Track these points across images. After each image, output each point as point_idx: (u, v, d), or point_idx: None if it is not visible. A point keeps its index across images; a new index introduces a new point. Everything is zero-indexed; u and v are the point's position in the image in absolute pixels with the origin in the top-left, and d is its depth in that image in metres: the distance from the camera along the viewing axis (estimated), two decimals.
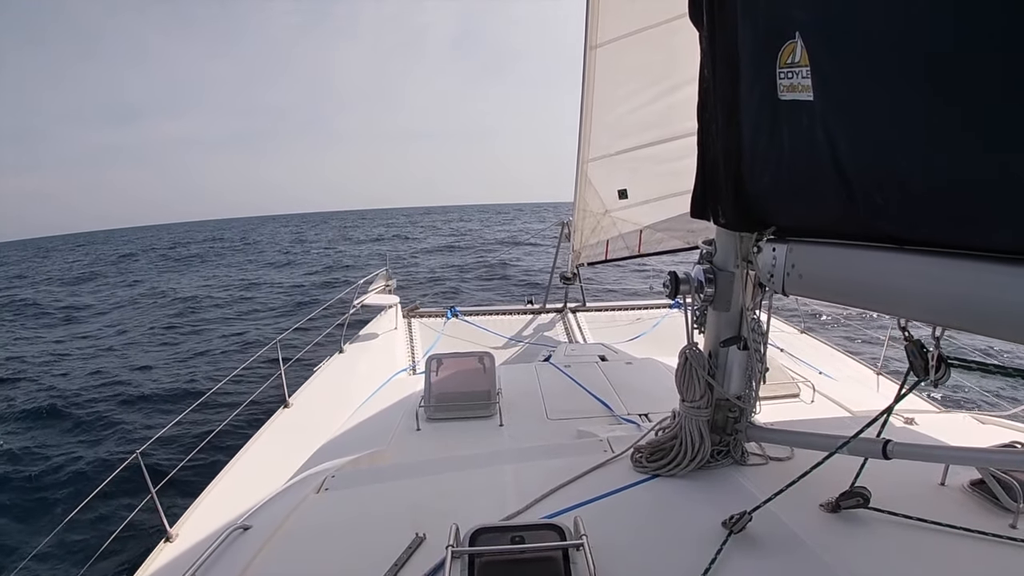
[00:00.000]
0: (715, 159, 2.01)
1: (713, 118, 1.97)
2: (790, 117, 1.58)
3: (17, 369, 13.59)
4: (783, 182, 1.74)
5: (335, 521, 2.31)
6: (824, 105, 1.43)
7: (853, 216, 1.48)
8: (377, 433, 3.76)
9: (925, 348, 1.49)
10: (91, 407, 10.40)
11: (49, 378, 12.53)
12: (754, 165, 1.85)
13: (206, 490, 3.72)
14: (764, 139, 1.75)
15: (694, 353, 2.28)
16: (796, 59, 1.47)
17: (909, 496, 1.97)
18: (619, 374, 4.59)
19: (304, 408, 5.05)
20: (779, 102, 1.58)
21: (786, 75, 1.52)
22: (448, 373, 4.06)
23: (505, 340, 7.65)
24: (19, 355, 14.40)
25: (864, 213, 1.43)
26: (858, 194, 1.42)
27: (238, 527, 2.33)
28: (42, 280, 35.29)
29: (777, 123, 1.65)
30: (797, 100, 1.50)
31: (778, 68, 1.54)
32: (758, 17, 1.66)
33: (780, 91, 1.56)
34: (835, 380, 5.14)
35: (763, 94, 1.66)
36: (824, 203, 1.57)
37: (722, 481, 2.24)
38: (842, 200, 1.48)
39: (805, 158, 1.57)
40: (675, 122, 5.43)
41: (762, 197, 1.89)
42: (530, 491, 2.24)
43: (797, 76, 1.48)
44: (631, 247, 6.68)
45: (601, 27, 5.27)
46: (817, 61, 1.42)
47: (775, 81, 1.57)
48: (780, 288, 1.91)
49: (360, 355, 6.48)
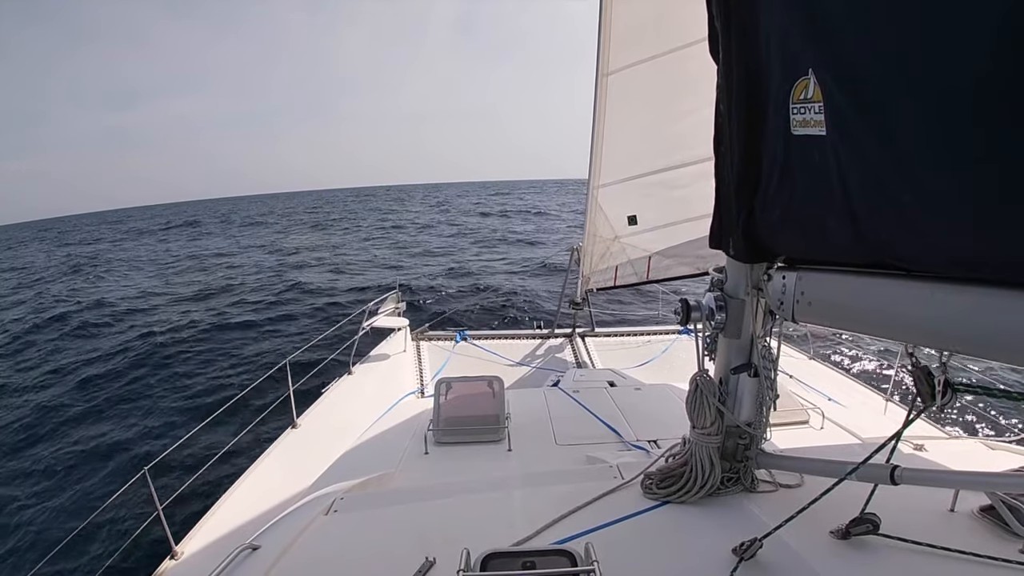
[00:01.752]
0: (729, 192, 2.04)
1: (729, 151, 2.00)
2: (803, 151, 1.61)
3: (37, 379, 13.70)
4: (794, 215, 1.77)
5: (344, 544, 2.31)
6: (835, 139, 1.46)
7: (861, 247, 1.50)
8: (385, 456, 3.75)
9: (932, 374, 1.50)
10: (99, 417, 10.45)
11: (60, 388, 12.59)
12: (766, 198, 1.88)
13: (212, 508, 3.72)
14: (777, 173, 1.78)
15: (705, 380, 2.29)
16: (809, 95, 1.50)
17: (919, 522, 1.97)
18: (628, 400, 4.57)
19: (312, 429, 5.05)
20: (791, 136, 1.61)
21: (799, 110, 1.55)
22: (457, 397, 4.06)
23: (514, 364, 7.64)
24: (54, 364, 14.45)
25: (871, 245, 1.45)
26: (865, 226, 1.45)
27: (247, 546, 2.33)
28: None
29: (790, 157, 1.68)
30: (809, 135, 1.54)
31: (791, 103, 1.57)
32: (773, 54, 1.70)
33: (793, 126, 1.60)
34: (845, 407, 5.10)
35: (777, 129, 1.70)
36: (833, 235, 1.59)
37: (732, 508, 2.24)
38: (850, 232, 1.50)
39: (816, 192, 1.60)
40: (685, 149, 5.48)
41: (772, 230, 1.92)
42: (540, 516, 2.23)
43: (810, 111, 1.51)
44: (640, 273, 6.70)
45: (613, 55, 5.36)
46: (829, 97, 1.45)
47: (788, 116, 1.60)
48: (790, 316, 1.92)
49: (369, 377, 6.49)
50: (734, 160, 1.96)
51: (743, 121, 1.89)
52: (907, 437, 2.08)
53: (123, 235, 60.57)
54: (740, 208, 1.98)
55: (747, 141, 1.90)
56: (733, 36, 1.88)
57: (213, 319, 16.49)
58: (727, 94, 1.95)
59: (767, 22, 1.73)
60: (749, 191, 1.95)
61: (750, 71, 1.83)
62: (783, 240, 1.92)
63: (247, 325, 15.76)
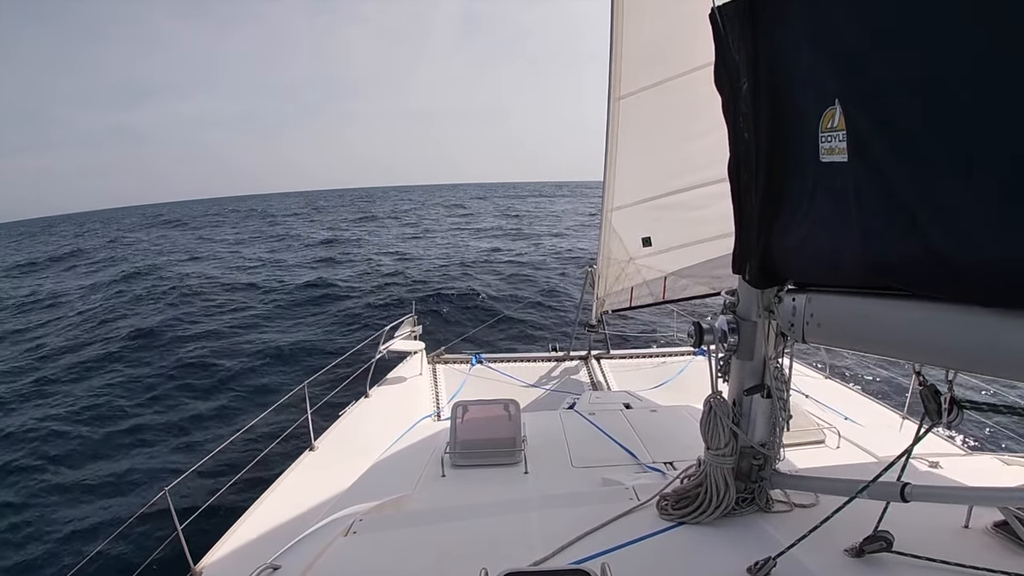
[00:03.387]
0: (750, 219, 2.07)
1: (753, 179, 2.03)
2: (827, 178, 1.66)
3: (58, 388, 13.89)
4: (812, 241, 1.81)
5: (364, 564, 2.33)
6: (856, 166, 1.50)
7: (872, 272, 1.54)
8: (402, 478, 3.78)
9: (938, 392, 1.52)
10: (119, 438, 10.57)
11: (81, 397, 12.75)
12: (788, 225, 1.92)
13: (231, 529, 3.76)
14: (802, 200, 1.83)
15: (718, 402, 2.31)
16: (835, 124, 1.55)
17: (933, 539, 1.96)
18: (644, 422, 4.57)
19: (329, 451, 5.10)
20: (820, 164, 1.66)
21: (827, 139, 1.60)
22: (473, 420, 4.08)
23: (529, 386, 7.65)
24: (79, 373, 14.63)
25: (882, 269, 1.48)
26: (878, 251, 1.48)
27: (267, 566, 2.37)
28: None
29: (816, 184, 1.73)
30: (834, 162, 1.58)
31: (820, 132, 1.62)
32: (801, 85, 1.75)
33: (821, 154, 1.64)
34: (861, 425, 5.06)
35: (805, 157, 1.74)
36: (847, 260, 1.63)
37: (747, 528, 2.25)
38: (863, 256, 1.55)
39: (835, 217, 1.65)
40: (698, 170, 5.51)
41: (790, 255, 1.96)
42: (556, 537, 2.25)
43: (835, 140, 1.56)
44: (655, 294, 6.70)
45: (625, 79, 5.43)
46: (852, 125, 1.50)
47: (817, 145, 1.65)
48: (800, 337, 1.95)
49: (385, 400, 6.54)
50: (758, 187, 2.00)
51: (770, 150, 1.94)
52: (923, 454, 2.08)
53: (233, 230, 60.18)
54: (760, 234, 2.02)
55: (773, 169, 1.94)
56: (761, 68, 1.92)
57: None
58: (753, 123, 1.99)
59: (793, 55, 1.78)
60: (771, 217, 1.99)
61: (778, 102, 1.88)
62: (799, 265, 1.96)
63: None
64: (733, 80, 2.06)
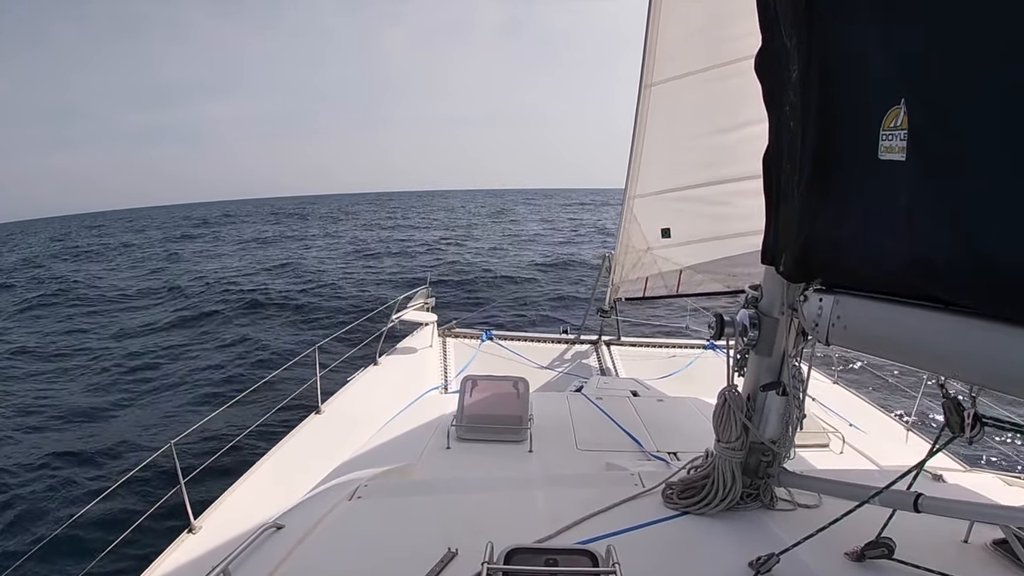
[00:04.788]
0: (791, 210, 2.04)
1: (797, 170, 2.00)
2: (881, 176, 1.62)
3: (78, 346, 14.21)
4: (857, 236, 1.78)
5: (367, 529, 2.37)
6: (914, 166, 1.47)
7: (913, 274, 1.52)
8: (407, 447, 3.81)
9: (961, 406, 1.51)
10: (129, 394, 10.75)
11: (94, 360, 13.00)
12: (834, 217, 1.88)
13: (232, 487, 3.81)
14: (853, 194, 1.79)
15: (733, 395, 2.31)
16: (899, 123, 1.51)
17: (932, 551, 1.97)
18: (650, 411, 4.58)
19: (335, 415, 5.14)
20: (879, 162, 1.63)
21: (887, 137, 1.56)
22: (482, 395, 4.10)
23: (538, 367, 7.67)
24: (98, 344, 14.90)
25: (925, 273, 1.46)
26: (923, 254, 1.46)
27: (271, 525, 2.40)
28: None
29: (869, 180, 1.70)
30: (892, 160, 1.55)
31: (882, 131, 1.59)
32: (858, 80, 1.71)
33: (880, 152, 1.61)
34: (865, 432, 5.05)
35: (862, 152, 1.70)
36: (889, 259, 1.61)
37: (750, 523, 2.26)
38: (906, 258, 1.52)
39: (885, 216, 1.62)
40: (724, 166, 5.46)
41: (831, 249, 1.92)
42: (561, 517, 2.27)
43: (895, 138, 1.52)
44: (670, 286, 6.67)
45: (657, 66, 5.37)
46: (914, 125, 1.47)
47: (877, 143, 1.61)
48: (824, 338, 1.93)
49: (394, 369, 6.58)
50: (803, 177, 1.97)
51: (819, 141, 1.90)
52: (927, 466, 2.09)
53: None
54: (803, 226, 1.99)
55: (821, 161, 1.90)
56: (815, 57, 1.88)
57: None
58: (801, 113, 1.95)
59: (854, 48, 1.73)
60: (815, 209, 1.95)
61: (831, 94, 1.84)
62: (838, 260, 1.92)
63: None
64: (781, 67, 2.01)
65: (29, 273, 30.75)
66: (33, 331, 16.91)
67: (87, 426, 9.33)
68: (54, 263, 35.38)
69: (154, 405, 10.22)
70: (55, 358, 13.87)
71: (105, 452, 8.34)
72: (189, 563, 2.99)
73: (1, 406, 10.41)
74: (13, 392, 11.27)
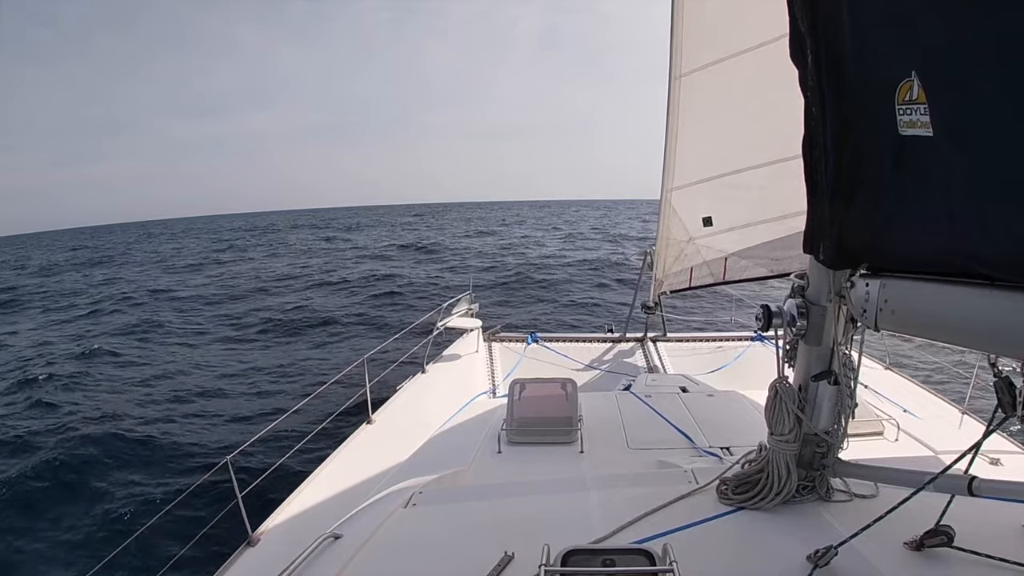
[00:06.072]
0: (823, 197, 2.01)
1: (823, 156, 1.97)
2: (909, 153, 1.59)
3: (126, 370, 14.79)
4: (893, 219, 1.74)
5: (424, 535, 2.41)
6: (942, 141, 1.43)
7: (955, 254, 1.47)
8: (459, 453, 3.85)
9: (1013, 384, 1.46)
10: (183, 414, 11.11)
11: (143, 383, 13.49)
12: (865, 202, 1.85)
13: (289, 498, 3.90)
14: (880, 176, 1.75)
15: (784, 387, 2.27)
16: (914, 96, 1.48)
17: (992, 537, 1.91)
18: (700, 406, 4.53)
19: (386, 425, 5.21)
20: (900, 138, 1.59)
21: (905, 111, 1.53)
22: (530, 398, 4.11)
23: (584, 367, 7.64)
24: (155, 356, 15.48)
25: (965, 251, 1.42)
26: (962, 231, 1.42)
27: (329, 535, 2.46)
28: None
29: (896, 159, 1.66)
30: (918, 136, 1.51)
31: (897, 104, 1.55)
32: (868, 56, 1.68)
33: (901, 127, 1.57)
34: (920, 418, 4.87)
35: (880, 131, 1.67)
36: (929, 240, 1.57)
37: (807, 516, 2.23)
38: (946, 237, 1.48)
39: (918, 195, 1.58)
40: (761, 149, 5.35)
41: (868, 234, 1.88)
42: (616, 517, 2.27)
43: (915, 112, 1.49)
44: (716, 274, 6.56)
45: (686, 56, 5.31)
46: (934, 98, 1.43)
47: (895, 117, 1.57)
48: (873, 324, 1.89)
49: (442, 376, 6.64)
50: (829, 163, 1.93)
51: (838, 125, 1.87)
52: (984, 451, 2.02)
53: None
54: (835, 212, 1.96)
55: (842, 145, 1.87)
56: (821, 39, 1.85)
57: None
58: (819, 98, 1.92)
59: (859, 24, 1.70)
60: (846, 195, 1.92)
61: (843, 74, 1.80)
62: (877, 245, 1.89)
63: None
64: (804, 52, 1.98)
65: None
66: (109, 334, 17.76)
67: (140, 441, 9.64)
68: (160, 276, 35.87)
69: (207, 417, 10.55)
70: (127, 365, 14.52)
71: (160, 468, 8.61)
72: (255, 574, 3.07)
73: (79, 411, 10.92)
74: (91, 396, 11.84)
